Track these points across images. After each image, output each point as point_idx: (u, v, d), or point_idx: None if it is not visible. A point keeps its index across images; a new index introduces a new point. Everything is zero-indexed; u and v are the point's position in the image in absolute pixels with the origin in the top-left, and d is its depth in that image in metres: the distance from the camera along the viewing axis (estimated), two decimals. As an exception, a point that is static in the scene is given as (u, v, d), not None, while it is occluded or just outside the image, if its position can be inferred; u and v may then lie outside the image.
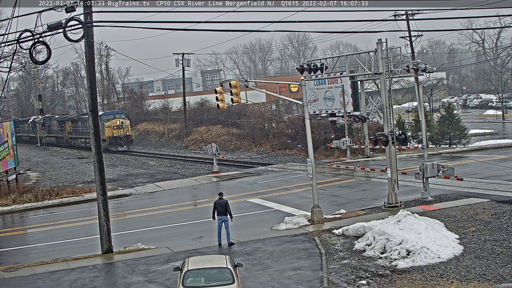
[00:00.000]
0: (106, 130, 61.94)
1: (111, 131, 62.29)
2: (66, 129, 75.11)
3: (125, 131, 62.97)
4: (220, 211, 21.06)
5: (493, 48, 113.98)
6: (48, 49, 18.06)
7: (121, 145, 62.59)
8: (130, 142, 64.21)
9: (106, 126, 61.67)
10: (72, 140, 74.38)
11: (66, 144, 75.38)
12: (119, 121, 62.66)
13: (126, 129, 63.36)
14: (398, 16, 48.24)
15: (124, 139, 62.77)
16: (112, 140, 62.36)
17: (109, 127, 62.26)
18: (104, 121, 61.96)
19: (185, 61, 66.03)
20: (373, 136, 26.83)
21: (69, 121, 74.90)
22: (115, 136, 62.26)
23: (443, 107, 63.06)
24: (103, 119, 61.86)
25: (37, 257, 22.04)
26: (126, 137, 62.89)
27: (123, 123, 62.94)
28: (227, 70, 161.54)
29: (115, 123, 62.41)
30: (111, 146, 62.19)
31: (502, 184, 27.66)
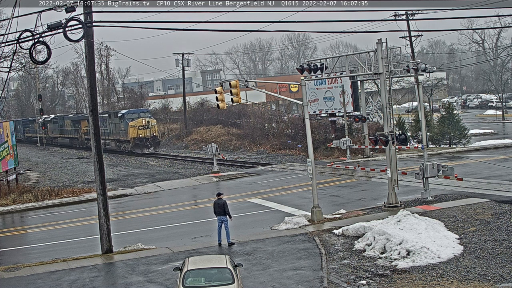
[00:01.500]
0: (130, 130, 56.78)
1: (136, 131, 56.62)
2: (81, 130, 69.91)
3: (151, 132, 57.30)
4: (219, 211, 21.08)
5: (493, 48, 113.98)
6: (48, 49, 18.07)
7: (147, 147, 56.77)
8: (157, 143, 58.69)
9: (130, 126, 56.62)
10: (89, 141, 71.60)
11: (82, 146, 70.02)
12: (145, 120, 56.87)
13: (153, 129, 57.70)
14: (398, 16, 48.24)
15: (150, 140, 57.08)
16: (137, 141, 56.74)
17: (134, 127, 56.63)
18: (128, 120, 57.17)
19: (185, 61, 66.05)
20: (373, 136, 26.83)
21: (85, 121, 68.72)
22: (140, 137, 56.62)
23: (443, 107, 63.08)
24: (127, 118, 57.42)
25: (37, 257, 22.04)
26: (153, 138, 57.28)
27: (149, 123, 57.18)
28: (227, 70, 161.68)
29: (141, 123, 56.60)
30: (136, 148, 57.04)
31: (502, 184, 27.66)
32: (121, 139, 59.26)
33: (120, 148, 59.92)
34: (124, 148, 58.89)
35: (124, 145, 58.84)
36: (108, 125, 61.40)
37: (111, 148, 61.35)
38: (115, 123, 59.74)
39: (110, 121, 61.07)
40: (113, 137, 60.89)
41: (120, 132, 59.08)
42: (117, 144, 60.49)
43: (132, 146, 56.96)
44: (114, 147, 61.10)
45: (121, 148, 59.69)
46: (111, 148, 61.38)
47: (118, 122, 58.97)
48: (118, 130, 59.42)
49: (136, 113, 58.75)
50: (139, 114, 58.30)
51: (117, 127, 59.47)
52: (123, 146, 59.21)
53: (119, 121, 58.67)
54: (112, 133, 61.11)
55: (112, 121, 60.52)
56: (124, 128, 57.64)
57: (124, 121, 57.33)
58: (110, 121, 61.06)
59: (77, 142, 71.70)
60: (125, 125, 57.40)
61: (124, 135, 58.09)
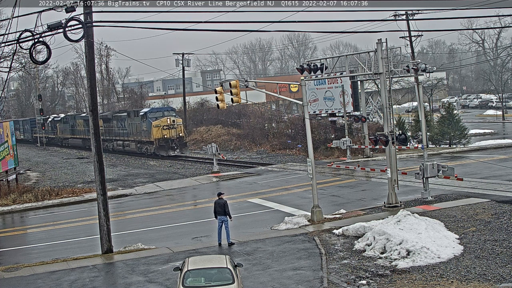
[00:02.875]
0: (154, 130, 52.14)
1: (160, 132, 52.11)
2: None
3: (177, 132, 52.78)
4: (219, 211, 21.11)
5: (493, 48, 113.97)
6: (48, 49, 18.08)
7: (173, 149, 52.16)
8: (183, 145, 54.05)
9: (154, 126, 52.02)
10: (104, 142, 62.06)
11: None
12: (170, 119, 52.39)
13: (179, 129, 53.04)
14: (398, 16, 48.24)
15: (176, 142, 52.52)
16: (162, 142, 52.17)
17: (158, 127, 52.09)
18: (151, 119, 52.61)
19: (185, 61, 66.02)
20: (373, 136, 26.83)
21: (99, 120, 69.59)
22: (165, 137, 52.09)
23: (443, 107, 63.07)
24: (150, 117, 53.02)
25: (37, 257, 22.04)
26: (178, 138, 52.66)
27: (175, 122, 52.68)
28: (227, 70, 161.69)
29: (165, 122, 52.18)
30: (161, 150, 52.48)
31: (502, 184, 27.66)
32: (142, 140, 54.87)
33: (141, 150, 55.67)
34: (146, 150, 54.88)
35: (147, 147, 54.72)
36: (128, 125, 57.24)
37: (131, 150, 57.63)
38: (136, 122, 55.42)
39: (129, 120, 56.86)
40: (133, 138, 56.62)
41: (141, 132, 54.60)
42: (138, 145, 56.16)
43: (156, 148, 52.55)
44: (134, 148, 57.06)
45: (142, 150, 55.52)
46: (130, 150, 57.77)
47: (139, 121, 54.62)
48: (139, 131, 54.96)
49: (160, 111, 54.29)
50: (163, 112, 53.76)
51: (139, 127, 55.01)
52: (145, 148, 55.07)
53: (140, 121, 54.34)
54: (132, 134, 56.90)
55: (132, 120, 56.31)
56: (147, 128, 53.27)
57: (147, 121, 53.01)
58: (129, 121, 56.85)
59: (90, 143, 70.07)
60: (148, 125, 53.01)
61: (146, 136, 53.77)
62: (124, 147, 58.40)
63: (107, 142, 62.36)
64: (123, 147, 59.17)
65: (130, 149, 57.57)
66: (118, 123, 59.46)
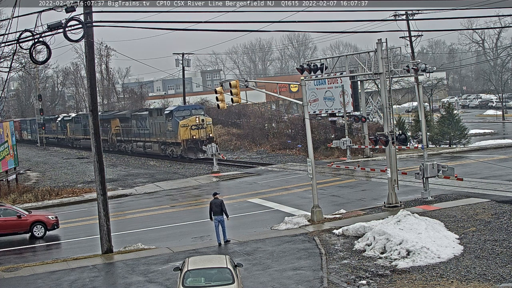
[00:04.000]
0: (181, 130, 47.71)
1: (188, 132, 47.75)
2: (111, 130, 61.32)
3: (206, 132, 48.13)
4: (216, 211, 21.13)
5: (493, 48, 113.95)
6: (48, 49, 18.08)
7: (202, 151, 47.16)
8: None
9: (181, 126, 47.66)
10: (122, 143, 60.09)
11: (113, 149, 61.18)
12: (199, 118, 47.98)
13: (208, 129, 48.47)
14: (398, 16, 48.23)
15: (206, 143, 47.17)
16: (191, 144, 47.82)
17: (186, 127, 47.76)
18: (178, 118, 48.31)
19: (185, 61, 65.97)
20: (373, 136, 26.84)
21: (115, 119, 60.45)
22: (194, 138, 47.66)
23: (443, 107, 63.06)
24: (176, 116, 48.51)
25: (37, 257, 22.05)
26: (208, 139, 47.71)
27: (204, 122, 48.27)
28: (227, 70, 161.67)
29: (194, 122, 47.85)
30: (189, 152, 48.15)
31: (502, 184, 27.66)
32: (167, 141, 50.43)
33: (165, 152, 51.16)
34: (172, 152, 50.44)
35: (172, 149, 50.36)
36: (150, 124, 53.10)
37: (153, 152, 53.43)
38: (160, 122, 51.15)
39: (151, 120, 52.78)
40: (156, 139, 52.25)
41: (166, 133, 50.19)
42: (162, 147, 51.71)
43: (183, 150, 48.16)
44: (157, 150, 52.64)
45: (167, 152, 50.98)
46: (153, 152, 53.56)
47: (164, 121, 50.30)
48: (164, 131, 50.58)
49: (188, 110, 49.66)
50: (191, 111, 49.10)
51: (163, 127, 50.63)
52: (170, 150, 50.68)
53: (165, 120, 50.00)
54: (154, 134, 52.56)
55: (155, 119, 52.12)
56: (173, 128, 48.85)
57: (173, 120, 48.60)
58: (151, 120, 52.73)
59: (106, 144, 61.12)
60: (174, 125, 48.64)
61: (172, 137, 49.41)
62: (146, 148, 54.27)
63: (124, 143, 59.16)
64: (144, 148, 55.06)
65: (152, 151, 53.58)
66: (138, 122, 55.53)
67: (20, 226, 24.98)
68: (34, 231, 25.09)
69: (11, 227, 24.90)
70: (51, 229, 25.37)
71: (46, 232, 25.29)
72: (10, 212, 25.27)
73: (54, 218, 25.57)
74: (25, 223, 25.00)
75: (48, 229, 25.28)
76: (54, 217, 25.61)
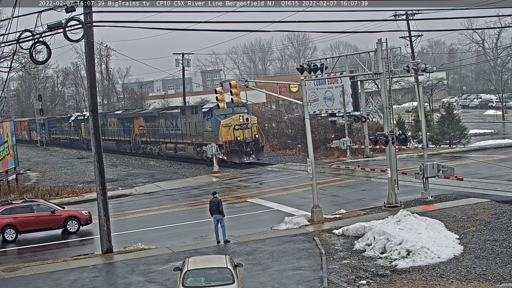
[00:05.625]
0: (223, 131, 42.17)
1: (232, 133, 42.20)
2: (134, 130, 55.99)
3: (252, 133, 42.86)
4: (214, 210, 21.29)
5: (493, 48, 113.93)
6: (48, 49, 18.10)
7: (248, 154, 42.60)
8: (260, 149, 43.55)
9: (223, 126, 42.21)
10: (147, 145, 54.66)
11: (136, 150, 56.29)
12: (243, 117, 42.38)
13: (254, 129, 43.03)
14: (398, 16, 48.23)
15: (252, 145, 42.76)
16: (234, 146, 42.22)
17: (228, 127, 42.25)
18: (219, 117, 42.72)
19: (185, 61, 65.94)
20: (373, 136, 26.84)
21: (139, 118, 55.07)
22: (238, 140, 42.20)
23: (443, 107, 63.07)
24: (216, 115, 42.80)
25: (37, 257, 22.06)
26: (254, 141, 42.90)
27: (249, 121, 42.79)
28: (227, 70, 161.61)
29: (237, 121, 42.37)
30: (233, 155, 42.31)
31: (502, 184, 27.66)
32: (205, 143, 44.42)
33: (202, 155, 45.26)
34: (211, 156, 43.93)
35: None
36: (182, 124, 47.66)
37: (187, 155, 47.09)
38: (195, 121, 45.64)
39: (184, 118, 47.37)
40: (190, 141, 46.35)
41: (204, 133, 44.57)
42: (197, 150, 45.80)
43: (226, 152, 42.41)
44: (191, 153, 46.88)
45: (204, 155, 44.95)
46: (186, 155, 47.27)
47: (201, 120, 44.85)
48: (200, 131, 45.04)
49: (229, 107, 41.86)
50: (233, 109, 42.66)
51: (199, 127, 45.17)
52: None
53: (202, 119, 44.55)
54: (188, 135, 46.81)
55: (189, 118, 46.69)
56: (213, 128, 43.32)
57: (213, 119, 43.17)
58: (184, 119, 47.34)
59: (128, 146, 57.54)
60: (214, 124, 43.11)
61: (211, 138, 43.63)
62: (177, 151, 48.51)
63: (150, 145, 54.00)
64: (175, 151, 49.19)
65: (185, 154, 47.44)
66: (168, 122, 50.12)
67: (54, 221, 25.28)
68: (68, 226, 25.36)
69: (45, 222, 25.17)
70: (84, 224, 25.69)
71: (79, 228, 25.59)
72: (43, 207, 25.50)
73: (87, 213, 25.87)
74: (59, 219, 25.31)
75: (81, 224, 25.59)
76: (87, 212, 25.91)
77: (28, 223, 24.83)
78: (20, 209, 25.05)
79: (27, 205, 25.41)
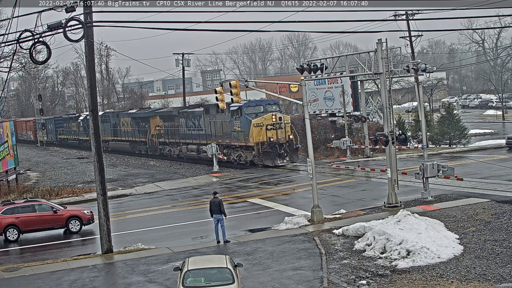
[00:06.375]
0: (255, 131, 39.25)
1: (264, 133, 39.21)
2: (150, 130, 52.93)
3: (285, 134, 39.99)
4: (215, 210, 21.31)
5: (493, 48, 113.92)
6: (48, 49, 18.10)
7: (282, 157, 39.90)
8: (294, 151, 40.68)
9: (254, 125, 39.23)
10: (165, 146, 51.39)
11: (153, 152, 53.15)
12: (275, 116, 39.36)
13: (288, 129, 39.90)
14: (398, 16, 48.24)
15: (286, 147, 39.97)
16: (266, 147, 39.32)
17: (260, 127, 39.28)
18: (250, 116, 39.76)
19: (185, 61, 65.96)
20: (373, 136, 26.84)
21: (155, 118, 52.27)
22: (271, 141, 39.23)
23: (443, 107, 63.06)
24: (246, 113, 39.96)
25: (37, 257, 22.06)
26: (288, 142, 40.11)
27: (282, 120, 39.88)
28: (227, 70, 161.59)
29: (269, 120, 39.36)
30: (265, 157, 39.52)
31: (502, 184, 27.66)
32: (233, 144, 41.97)
33: (229, 157, 42.86)
34: (239, 158, 42.17)
35: (240, 153, 41.98)
36: (206, 123, 44.55)
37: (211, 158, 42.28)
38: (222, 120, 42.59)
39: (208, 118, 44.23)
40: (216, 142, 42.81)
41: (231, 134, 41.69)
42: (224, 151, 42.97)
43: (256, 155, 39.52)
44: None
45: (231, 157, 42.81)
46: (210, 158, 42.44)
47: (228, 119, 41.78)
48: (227, 131, 42.23)
49: (260, 105, 40.43)
50: (265, 107, 40.24)
51: (226, 127, 42.26)
52: (236, 155, 42.47)
53: (230, 118, 41.41)
54: (213, 136, 43.65)
55: (214, 118, 43.58)
56: (242, 128, 40.41)
57: (242, 118, 40.15)
58: (208, 118, 44.24)
59: (144, 147, 54.70)
60: (244, 124, 40.18)
61: (240, 139, 40.86)
62: (200, 152, 45.00)
63: (169, 146, 50.80)
64: (198, 152, 45.69)
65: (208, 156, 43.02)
66: (189, 121, 46.97)
67: (56, 221, 25.34)
68: (70, 226, 25.42)
69: (47, 222, 25.23)
70: (86, 223, 25.74)
71: (82, 227, 25.64)
72: (45, 207, 25.58)
73: (89, 213, 25.92)
74: (61, 218, 25.38)
75: (84, 224, 25.63)
76: (89, 212, 25.95)
77: (30, 223, 24.85)
78: (22, 209, 25.07)
79: (29, 204, 25.44)
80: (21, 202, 26.10)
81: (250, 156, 40.42)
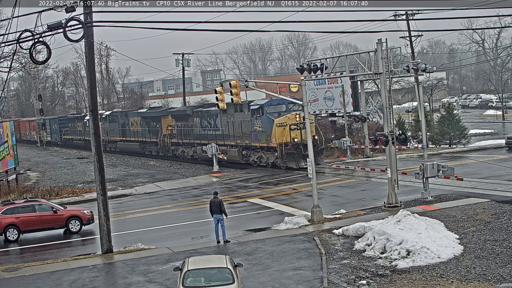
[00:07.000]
0: (277, 132, 37.05)
1: (287, 133, 36.98)
2: (162, 130, 50.85)
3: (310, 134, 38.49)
4: (215, 210, 21.32)
5: (493, 48, 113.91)
6: (48, 49, 18.10)
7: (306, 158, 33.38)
8: (319, 152, 38.36)
9: (276, 125, 37.10)
10: (178, 147, 49.34)
11: (165, 153, 51.17)
12: (299, 116, 36.36)
13: (312, 129, 34.68)
14: (398, 16, 48.24)
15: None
16: (290, 149, 37.07)
17: (283, 127, 37.05)
18: (272, 116, 37.78)
19: (185, 61, 65.96)
20: (373, 136, 26.85)
21: (167, 117, 50.36)
22: (295, 142, 36.99)
23: (443, 107, 63.07)
24: (268, 112, 38.03)
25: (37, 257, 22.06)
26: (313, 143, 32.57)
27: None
28: (227, 70, 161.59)
29: (293, 120, 36.97)
30: (289, 159, 37.38)
31: (502, 184, 27.66)
32: (253, 145, 39.83)
33: (248, 159, 40.93)
34: (260, 160, 39.94)
35: (261, 155, 39.65)
36: (223, 123, 42.49)
37: (229, 160, 41.85)
38: (241, 120, 40.52)
39: (226, 117, 42.00)
40: (234, 143, 41.40)
41: (251, 134, 39.48)
42: (243, 153, 41.15)
43: (279, 157, 37.44)
44: (235, 157, 41.74)
45: (251, 159, 40.72)
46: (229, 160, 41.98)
47: (248, 118, 39.72)
48: (247, 132, 40.03)
49: (283, 104, 38.01)
50: (287, 106, 38.11)
51: (246, 127, 40.09)
52: (257, 157, 40.13)
53: (251, 117, 39.28)
54: (232, 136, 41.70)
55: (232, 117, 41.36)
56: (264, 128, 38.30)
57: (264, 117, 38.09)
58: (226, 118, 42.03)
59: (155, 147, 52.79)
60: (265, 124, 38.07)
61: (261, 140, 38.67)
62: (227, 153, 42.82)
63: (182, 147, 48.63)
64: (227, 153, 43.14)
65: (229, 158, 42.12)
66: (204, 121, 45.01)
67: (56, 221, 25.37)
68: (70, 226, 25.45)
69: (47, 222, 25.26)
70: (86, 223, 25.75)
71: (82, 227, 25.66)
72: (45, 207, 25.60)
73: (89, 213, 25.93)
74: (61, 218, 25.41)
75: (84, 223, 25.65)
76: (89, 212, 25.96)
77: (30, 223, 24.86)
78: (22, 209, 25.09)
79: (29, 205, 25.46)
80: (21, 202, 26.10)
81: (272, 157, 38.23)
